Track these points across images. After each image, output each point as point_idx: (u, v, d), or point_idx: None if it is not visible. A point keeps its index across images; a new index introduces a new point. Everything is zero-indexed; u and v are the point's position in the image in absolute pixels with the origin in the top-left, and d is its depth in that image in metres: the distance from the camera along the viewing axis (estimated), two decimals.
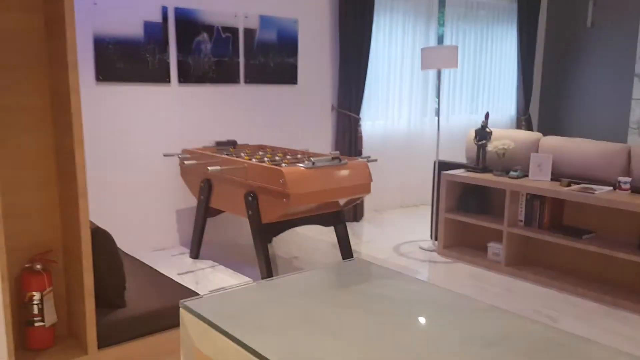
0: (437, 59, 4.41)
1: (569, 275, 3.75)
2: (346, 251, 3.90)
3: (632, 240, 3.49)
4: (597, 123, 6.87)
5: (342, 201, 3.67)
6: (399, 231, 5.02)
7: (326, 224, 3.80)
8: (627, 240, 3.52)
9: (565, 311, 3.27)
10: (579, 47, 6.98)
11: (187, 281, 3.72)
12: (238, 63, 4.64)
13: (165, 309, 2.19)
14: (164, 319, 2.19)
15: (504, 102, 6.89)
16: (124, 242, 4.24)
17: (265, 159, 3.84)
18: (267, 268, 3.52)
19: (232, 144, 4.41)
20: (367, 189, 3.65)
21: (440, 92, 6.18)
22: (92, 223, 2.24)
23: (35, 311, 1.99)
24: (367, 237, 4.82)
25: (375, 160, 3.86)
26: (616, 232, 3.58)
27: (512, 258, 3.98)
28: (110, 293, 2.14)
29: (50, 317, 2.04)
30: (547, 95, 7.33)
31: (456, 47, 4.40)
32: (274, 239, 4.71)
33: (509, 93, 6.93)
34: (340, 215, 3.84)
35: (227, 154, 4.04)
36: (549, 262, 3.93)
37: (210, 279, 3.77)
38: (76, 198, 1.97)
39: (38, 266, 2.01)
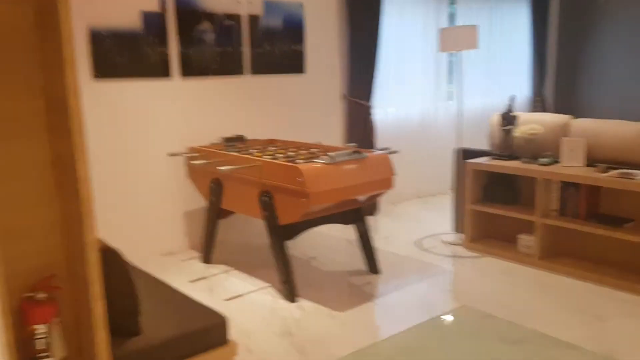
0: (456, 39, 4.13)
1: (608, 268, 3.51)
2: (368, 250, 3.66)
3: None
4: (616, 101, 6.60)
5: (362, 197, 3.41)
6: (418, 224, 4.77)
7: (346, 222, 3.55)
8: None
9: (612, 309, 3.03)
10: (594, 22, 6.69)
11: (200, 288, 3.48)
12: (242, 53, 4.36)
13: (185, 334, 1.95)
14: (185, 346, 1.94)
15: (518, 83, 6.60)
16: (130, 249, 3.98)
17: (279, 155, 3.58)
18: (287, 272, 3.28)
19: (241, 139, 4.15)
20: (389, 184, 3.40)
21: (456, 75, 5.90)
22: (99, 240, 1.98)
23: (42, 346, 1.75)
24: (385, 232, 4.58)
25: (396, 151, 3.60)
26: None
27: (545, 250, 3.73)
28: (123, 320, 1.90)
29: (59, 351, 1.79)
30: (562, 74, 7.05)
31: (475, 27, 4.13)
32: None
33: (523, 73, 6.65)
34: (361, 212, 3.59)
35: (236, 151, 3.78)
36: (585, 253, 3.69)
37: (225, 286, 3.53)
38: (80, 215, 1.71)
39: (41, 295, 1.76)
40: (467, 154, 4.26)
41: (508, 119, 3.99)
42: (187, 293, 2.28)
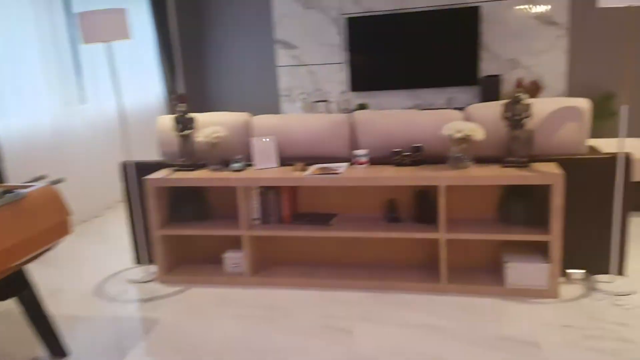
0: (103, 28, 3.24)
1: (324, 269, 3.32)
2: (44, 326, 2.51)
3: (375, 214, 3.30)
4: (249, 94, 6.75)
5: (27, 257, 2.28)
6: (86, 265, 3.70)
7: (3, 298, 2.34)
8: (371, 215, 3.31)
9: (350, 315, 2.82)
10: (213, 15, 6.63)
11: None
12: None
13: None
14: None
15: (149, 82, 5.99)
16: None
17: None
18: None
19: None
20: (66, 229, 2.37)
21: (85, 74, 4.87)
22: None
23: None
24: (46, 285, 3.36)
25: (61, 180, 2.55)
26: (356, 209, 3.34)
27: (257, 265, 3.34)
28: None
29: None
30: (192, 70, 6.79)
31: (123, 11, 3.32)
32: None
33: (153, 71, 6.07)
34: (23, 277, 2.43)
35: None
36: (299, 259, 3.44)
37: None
38: None
39: None
40: (138, 167, 3.48)
41: (184, 122, 3.39)
42: None
